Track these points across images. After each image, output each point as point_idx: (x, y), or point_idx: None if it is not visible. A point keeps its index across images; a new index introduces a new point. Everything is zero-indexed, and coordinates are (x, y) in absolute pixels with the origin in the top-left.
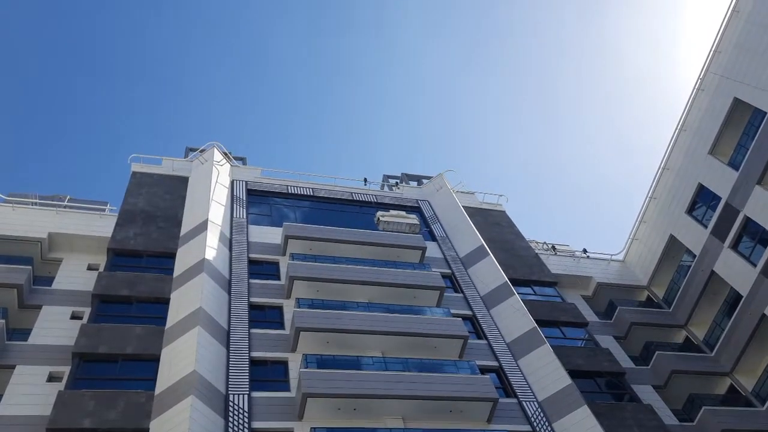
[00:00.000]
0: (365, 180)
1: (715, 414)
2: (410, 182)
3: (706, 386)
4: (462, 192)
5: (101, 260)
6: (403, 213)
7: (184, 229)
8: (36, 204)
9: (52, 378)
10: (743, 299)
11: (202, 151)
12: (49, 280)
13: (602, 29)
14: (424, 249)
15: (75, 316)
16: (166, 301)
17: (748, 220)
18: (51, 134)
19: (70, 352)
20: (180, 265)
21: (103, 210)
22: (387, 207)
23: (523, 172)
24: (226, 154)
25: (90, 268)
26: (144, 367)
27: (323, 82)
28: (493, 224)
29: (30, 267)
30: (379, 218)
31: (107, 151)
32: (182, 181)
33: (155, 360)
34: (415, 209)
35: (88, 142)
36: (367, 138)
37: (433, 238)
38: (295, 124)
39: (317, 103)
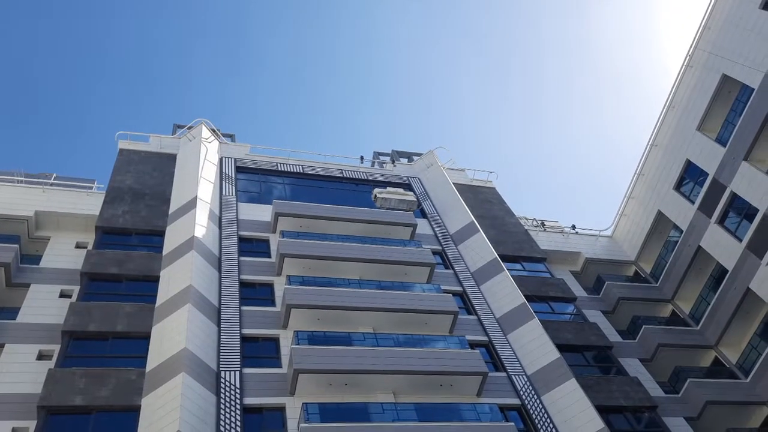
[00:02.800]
0: (362, 158)
1: (699, 386)
2: (401, 159)
3: (692, 359)
4: (452, 169)
5: (89, 238)
6: (400, 190)
7: (173, 206)
8: (22, 182)
9: (42, 356)
10: (729, 274)
11: (190, 128)
12: (37, 259)
13: (585, 17)
14: (414, 226)
15: (64, 295)
16: (155, 279)
17: (734, 196)
18: (36, 111)
19: (59, 330)
20: (169, 243)
21: (91, 188)
22: (378, 184)
23: (513, 149)
24: (214, 131)
25: (78, 246)
26: (134, 344)
27: (311, 61)
28: (484, 201)
29: (17, 245)
30: (376, 195)
31: (93, 128)
32: (170, 159)
33: (146, 338)
34: (405, 186)
35: (73, 120)
36: (355, 116)
37: (424, 215)
38: (283, 102)
39: (306, 81)
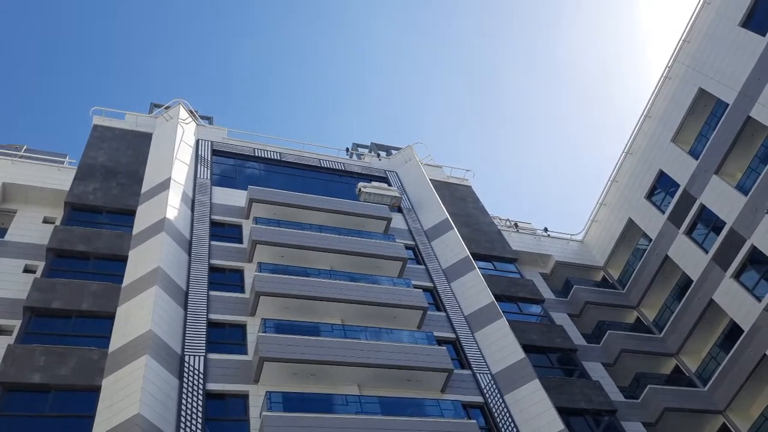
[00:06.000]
0: (347, 150)
1: (658, 392)
2: (379, 152)
3: (653, 366)
4: (430, 165)
5: (58, 214)
6: (384, 185)
7: (146, 186)
8: None
9: (1, 331)
10: (693, 284)
11: (167, 107)
12: (2, 232)
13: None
14: (389, 219)
15: (28, 270)
16: (123, 259)
17: (703, 208)
18: (8, 83)
19: (21, 305)
20: (140, 223)
21: (62, 162)
22: (355, 176)
23: (491, 150)
24: (192, 112)
25: (46, 221)
26: (98, 324)
27: (295, 54)
28: (459, 199)
29: None
30: (360, 189)
31: (67, 102)
32: (145, 138)
33: (110, 318)
34: (383, 179)
35: (46, 92)
36: (336, 112)
37: (399, 210)
38: (264, 88)
39: (289, 68)
